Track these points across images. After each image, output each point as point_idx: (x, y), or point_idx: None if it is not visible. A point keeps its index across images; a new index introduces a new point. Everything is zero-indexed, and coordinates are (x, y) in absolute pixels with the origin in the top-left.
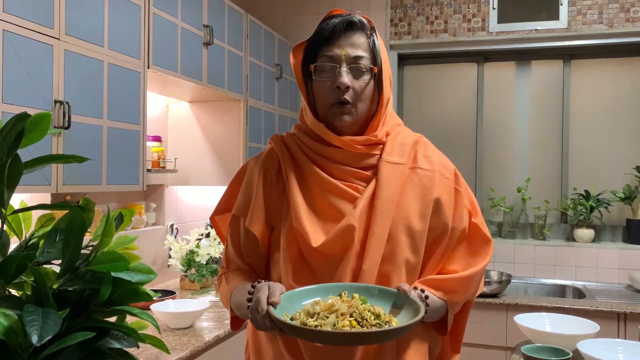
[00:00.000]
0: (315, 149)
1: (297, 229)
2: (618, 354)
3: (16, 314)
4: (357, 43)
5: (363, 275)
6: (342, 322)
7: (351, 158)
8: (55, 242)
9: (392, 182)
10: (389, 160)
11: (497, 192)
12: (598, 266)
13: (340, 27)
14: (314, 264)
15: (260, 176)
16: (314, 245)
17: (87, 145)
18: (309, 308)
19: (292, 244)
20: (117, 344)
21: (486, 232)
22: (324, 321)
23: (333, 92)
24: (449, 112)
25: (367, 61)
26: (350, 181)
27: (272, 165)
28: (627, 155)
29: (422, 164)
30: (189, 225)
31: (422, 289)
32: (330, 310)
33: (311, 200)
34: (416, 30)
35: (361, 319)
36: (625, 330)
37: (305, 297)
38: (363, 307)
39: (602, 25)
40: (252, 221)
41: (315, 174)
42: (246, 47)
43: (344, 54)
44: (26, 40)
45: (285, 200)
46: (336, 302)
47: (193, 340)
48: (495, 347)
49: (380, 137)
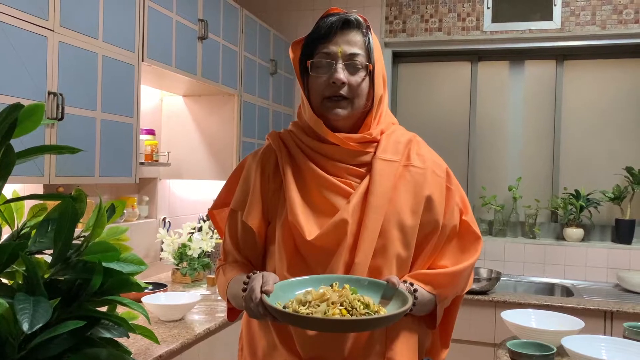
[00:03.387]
0: (312, 146)
1: (292, 222)
2: (601, 350)
3: (7, 302)
4: (353, 41)
5: (355, 268)
6: (333, 310)
7: (346, 155)
8: (47, 232)
9: (385, 179)
10: (383, 157)
11: (488, 190)
12: (587, 265)
13: (336, 24)
14: (308, 257)
15: (257, 171)
16: (308, 238)
17: (80, 137)
18: (301, 297)
19: (287, 237)
20: (108, 333)
21: (476, 230)
22: (315, 309)
23: (328, 87)
24: (442, 110)
25: (362, 58)
26: (345, 177)
27: (269, 161)
28: (617, 156)
29: (415, 162)
30: (181, 219)
31: (411, 283)
32: (322, 299)
33: (306, 195)
34: (411, 28)
35: (351, 308)
36: (612, 328)
37: (298, 287)
38: (353, 297)
39: (595, 27)
40: (249, 215)
41: (311, 169)
42: (241, 42)
43: (340, 51)
44: (20, 32)
45: (281, 195)
46: (327, 292)
47: (184, 332)
48: (484, 343)
49: (375, 135)
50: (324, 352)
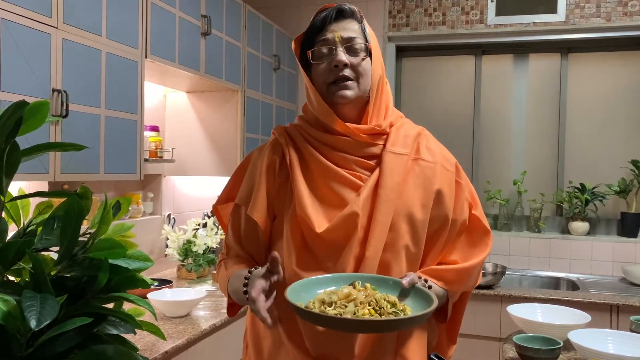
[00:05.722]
0: (319, 138)
1: (301, 215)
2: (608, 344)
3: (15, 299)
4: (349, 27)
5: (365, 262)
6: (362, 310)
7: (354, 146)
8: (53, 229)
9: (395, 172)
10: (392, 150)
11: (493, 184)
12: (592, 259)
13: (331, 15)
14: (317, 250)
15: (263, 165)
16: (318, 231)
17: (84, 134)
18: (323, 297)
19: (295, 231)
20: (114, 330)
21: (486, 224)
22: (343, 310)
23: (331, 73)
24: (446, 105)
25: (360, 40)
26: (354, 170)
27: (275, 155)
28: (622, 149)
29: (424, 155)
30: (186, 215)
31: (426, 279)
32: (348, 299)
33: (315, 188)
34: (414, 22)
35: (379, 308)
36: (618, 321)
37: (318, 285)
38: (379, 296)
39: (600, 19)
40: (254, 208)
41: (319, 162)
42: (244, 38)
43: (337, 36)
44: (24, 29)
45: (288, 189)
46: (352, 292)
47: (189, 328)
48: (489, 337)
49: (384, 127)
50: (334, 349)
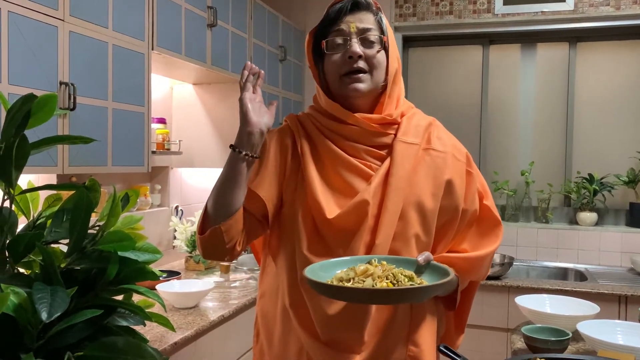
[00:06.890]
0: (330, 127)
1: (312, 201)
2: (617, 335)
3: (25, 291)
4: (365, 19)
5: (375, 249)
6: (380, 283)
7: (366, 136)
8: (62, 222)
9: (406, 161)
10: (403, 140)
11: (500, 175)
12: (600, 249)
13: (346, 7)
14: (328, 237)
15: (273, 147)
16: (329, 217)
17: (92, 127)
18: (342, 275)
19: (307, 216)
20: (124, 321)
21: (496, 215)
22: (361, 285)
23: (345, 63)
24: (453, 95)
25: (376, 32)
26: (365, 159)
27: (286, 139)
28: (631, 139)
29: (435, 145)
30: (193, 207)
31: None
32: (366, 275)
33: (326, 176)
34: (421, 12)
35: (396, 282)
36: (626, 312)
37: (336, 267)
38: (396, 271)
39: (609, 7)
40: (258, 184)
41: (330, 150)
42: (250, 29)
43: (353, 27)
44: (31, 22)
45: (299, 176)
46: (370, 267)
47: (198, 319)
48: (497, 328)
49: (396, 116)
50: (344, 334)
